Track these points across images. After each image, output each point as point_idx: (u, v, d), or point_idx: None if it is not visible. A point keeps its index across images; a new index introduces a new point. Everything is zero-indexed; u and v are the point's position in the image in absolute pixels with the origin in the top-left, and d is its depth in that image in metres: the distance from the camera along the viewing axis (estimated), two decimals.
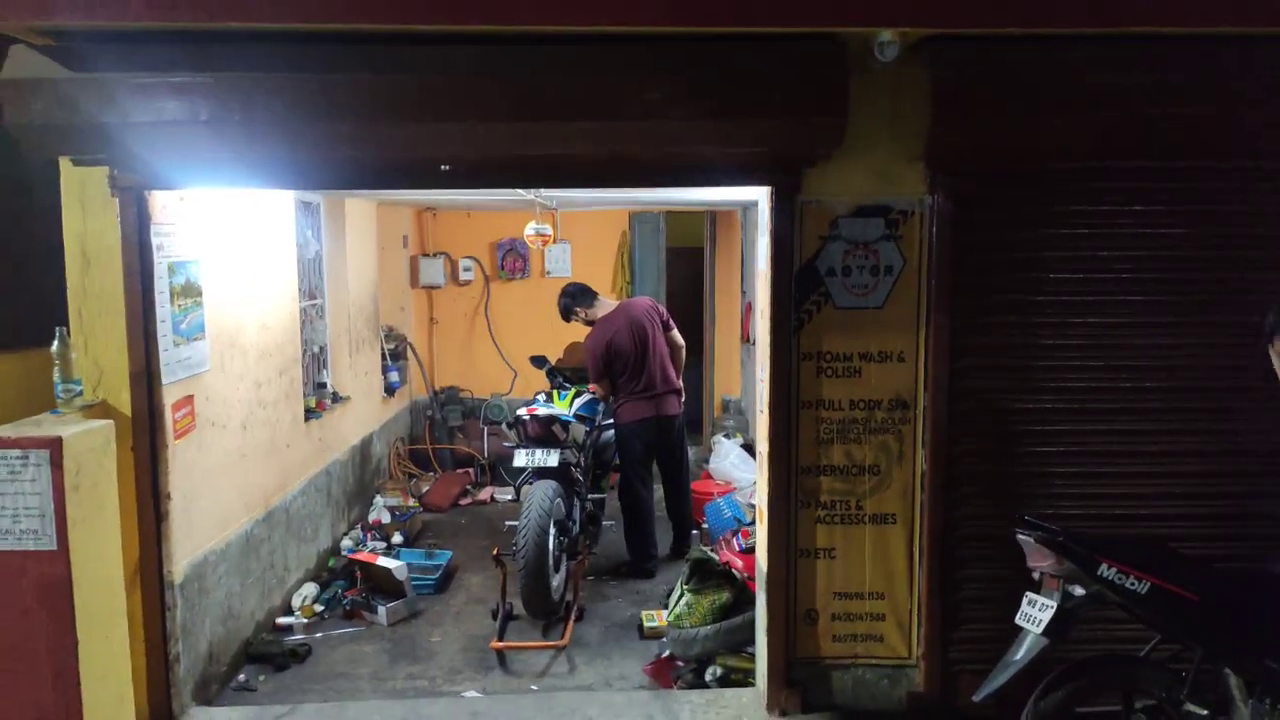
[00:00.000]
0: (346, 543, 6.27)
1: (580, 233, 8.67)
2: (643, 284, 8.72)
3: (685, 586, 4.57)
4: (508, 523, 5.75)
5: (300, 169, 3.74)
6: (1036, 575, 3.20)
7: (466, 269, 8.70)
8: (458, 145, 3.67)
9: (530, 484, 5.22)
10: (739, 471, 7.06)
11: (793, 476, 3.95)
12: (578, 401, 5.82)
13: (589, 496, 5.74)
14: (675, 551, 6.18)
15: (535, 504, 4.98)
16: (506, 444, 5.90)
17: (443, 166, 3.77)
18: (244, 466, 4.79)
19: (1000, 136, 3.68)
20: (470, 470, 8.20)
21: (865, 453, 3.93)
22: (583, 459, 5.62)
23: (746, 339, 8.34)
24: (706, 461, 7.81)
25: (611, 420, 6.01)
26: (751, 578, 4.44)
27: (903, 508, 3.95)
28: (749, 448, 7.84)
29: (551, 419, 5.28)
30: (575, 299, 6.11)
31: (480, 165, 3.77)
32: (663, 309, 6.06)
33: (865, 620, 4.01)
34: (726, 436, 7.61)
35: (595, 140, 3.63)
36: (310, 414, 5.89)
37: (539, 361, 6.47)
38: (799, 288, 3.86)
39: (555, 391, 5.94)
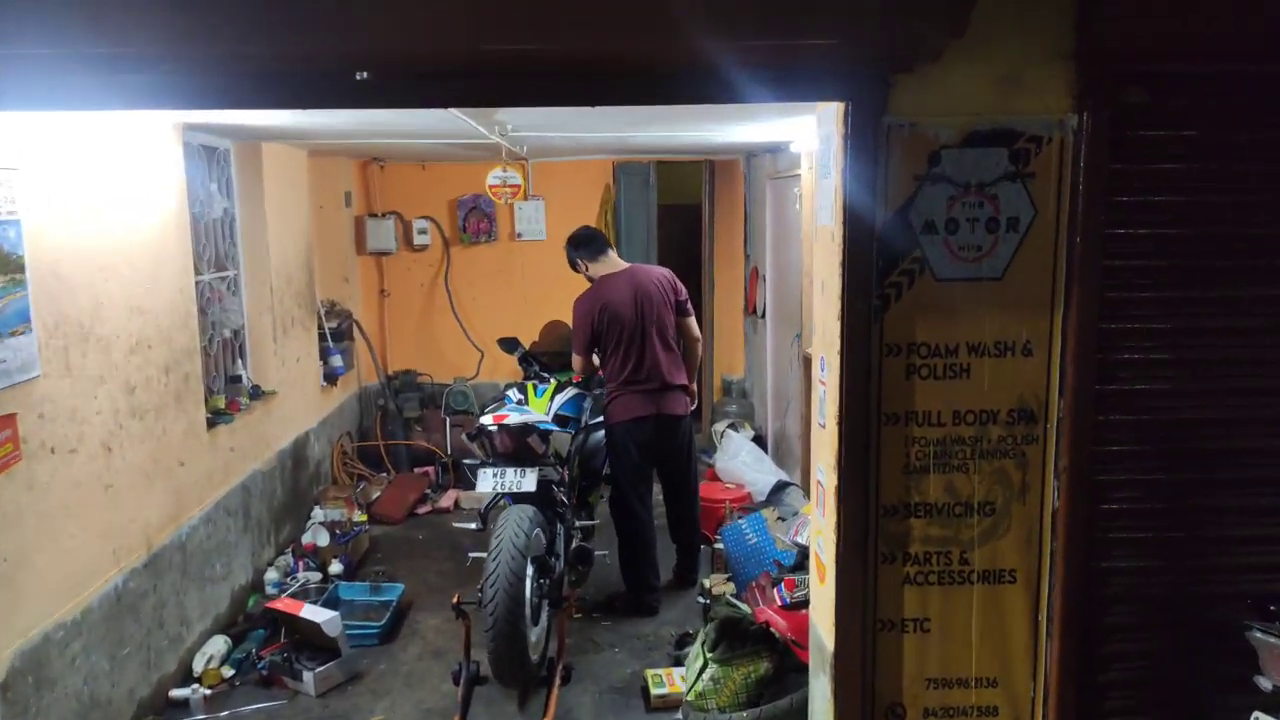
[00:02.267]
0: (272, 574, 5.05)
1: (556, 187, 7.40)
2: (629, 247, 7.47)
3: (710, 655, 3.41)
4: (471, 555, 4.54)
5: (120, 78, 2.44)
6: (1270, 686, 2.08)
7: (422, 231, 7.41)
8: (379, 35, 2.41)
9: (500, 508, 4.02)
10: (752, 472, 5.89)
11: (871, 519, 2.78)
12: (559, 398, 4.60)
13: (577, 523, 4.53)
14: (680, 577, 5.02)
15: (507, 540, 3.78)
16: (468, 461, 4.66)
17: (358, 74, 2.51)
18: (110, 501, 3.55)
19: (1194, 17, 2.48)
20: (430, 470, 6.97)
21: (974, 484, 2.77)
22: (566, 474, 4.41)
23: (752, 310, 7.14)
24: (708, 455, 6.64)
25: (602, 419, 4.79)
26: (799, 644, 3.29)
27: (1025, 560, 2.80)
28: (759, 440, 6.66)
29: (526, 429, 4.05)
30: (578, 246, 4.92)
31: (414, 69, 2.52)
32: (682, 288, 4.85)
33: (971, 717, 2.87)
34: (734, 428, 6.44)
35: (578, 27, 2.39)
36: (218, 418, 4.64)
37: (509, 345, 5.24)
38: (882, 252, 2.65)
39: (530, 385, 4.71)
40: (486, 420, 4.06)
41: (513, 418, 4.03)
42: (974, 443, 2.74)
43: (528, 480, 3.99)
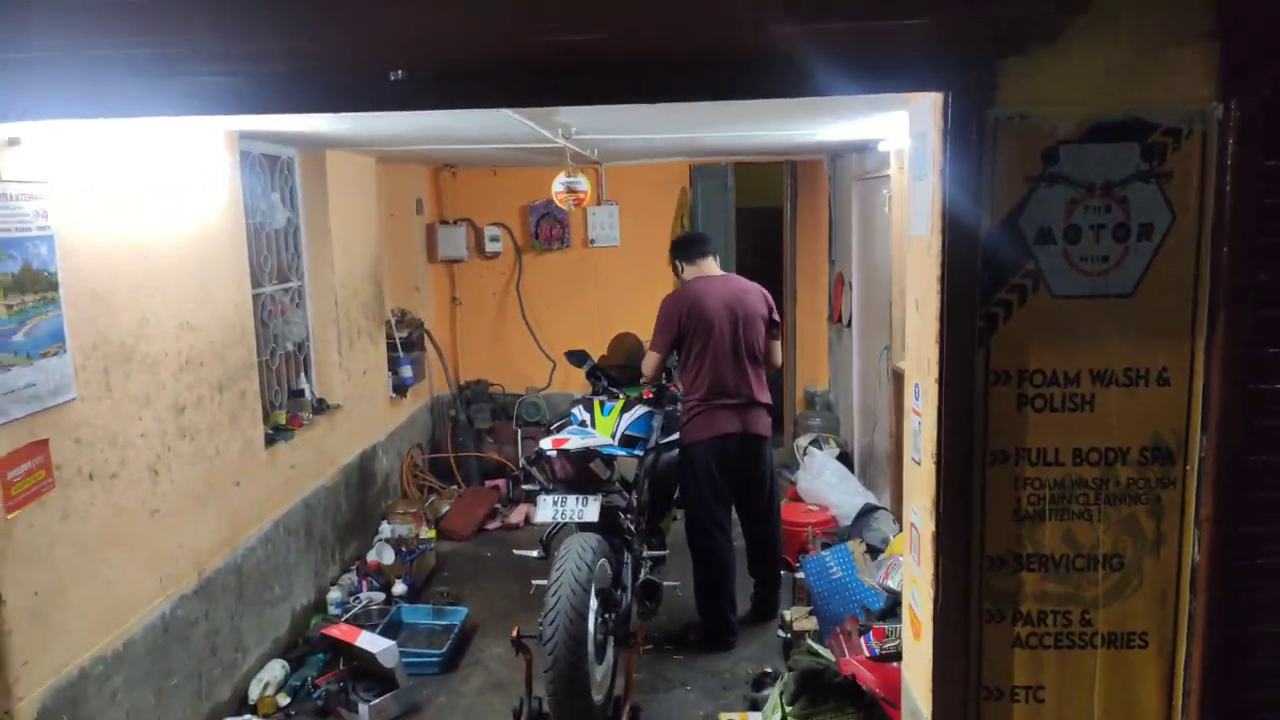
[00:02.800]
0: (335, 594, 4.89)
1: (630, 191, 7.14)
2: None
3: (789, 709, 3.08)
4: (535, 583, 4.28)
5: (151, 84, 2.24)
6: None
7: (494, 239, 7.22)
8: (413, 32, 2.17)
9: (563, 534, 3.76)
10: (837, 493, 5.53)
11: (975, 571, 2.42)
12: (628, 416, 4.32)
13: (646, 551, 4.24)
14: (759, 609, 4.69)
15: (568, 573, 3.51)
16: (528, 487, 4.42)
17: (393, 73, 2.27)
18: (156, 526, 3.39)
19: None
20: (500, 483, 6.77)
21: (1098, 534, 2.39)
22: (634, 499, 4.13)
23: (837, 319, 6.74)
24: (789, 471, 6.29)
25: (675, 437, 4.49)
26: (890, 702, 2.93)
27: (1158, 622, 2.41)
28: (844, 458, 6.28)
29: (588, 454, 3.78)
30: (677, 249, 4.79)
31: (454, 66, 2.26)
32: (774, 306, 4.58)
33: None
34: (818, 446, 6.07)
35: (637, 17, 2.10)
36: (278, 434, 4.49)
37: (578, 359, 4.99)
38: (988, 264, 2.30)
39: (598, 401, 4.43)
40: (545, 444, 3.80)
41: (573, 441, 3.76)
42: (1098, 486, 2.36)
43: (589, 509, 3.72)
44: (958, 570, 2.41)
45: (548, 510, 3.76)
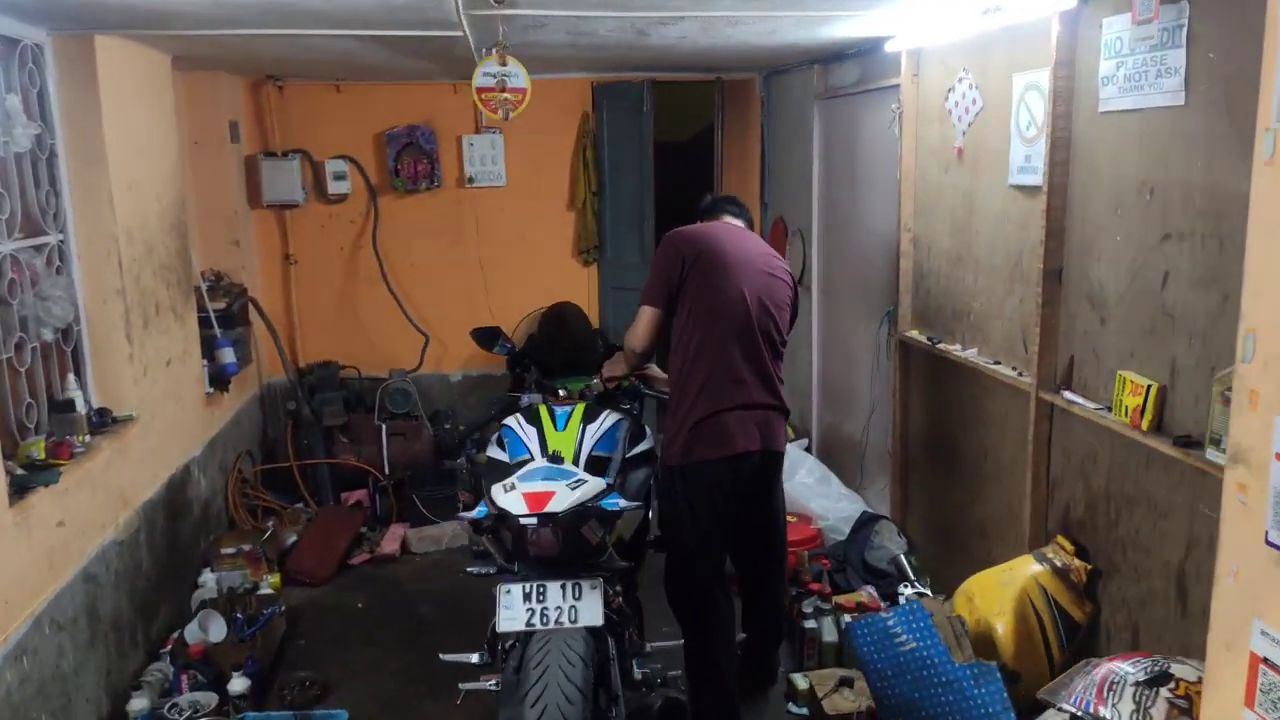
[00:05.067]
0: (139, 702, 3.27)
1: (518, 119, 5.60)
2: (616, 200, 5.75)
3: None
4: (465, 688, 2.84)
5: None
6: None
7: (339, 177, 5.54)
8: None
9: (524, 643, 2.34)
10: (819, 499, 4.36)
11: None
12: (593, 428, 2.90)
13: (642, 647, 2.87)
14: (757, 673, 3.42)
15: (553, 702, 2.12)
16: (474, 570, 2.92)
17: None
18: None
19: None
20: (362, 496, 5.21)
21: None
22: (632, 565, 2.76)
23: None
24: None
25: (642, 448, 3.10)
26: None
27: None
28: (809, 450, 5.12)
29: (582, 515, 2.32)
30: (706, 208, 3.41)
31: None
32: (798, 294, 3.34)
33: None
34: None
35: None
36: (33, 477, 2.84)
37: (488, 338, 3.56)
38: None
39: (544, 408, 2.99)
40: (509, 501, 2.31)
41: (559, 497, 2.29)
42: None
43: (587, 607, 2.30)
44: None
45: (518, 613, 2.28)
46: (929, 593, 3.74)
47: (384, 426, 5.37)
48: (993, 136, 3.26)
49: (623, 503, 2.36)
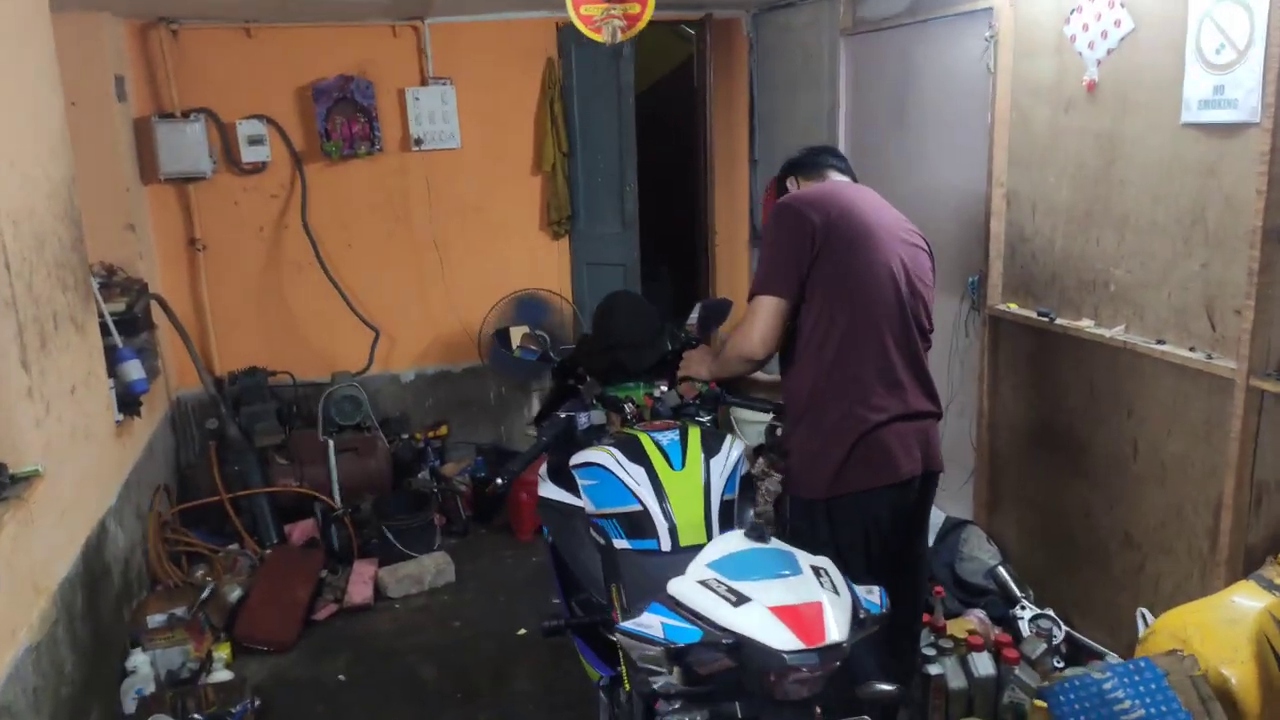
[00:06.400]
0: None
1: (470, 65, 4.73)
2: (590, 161, 4.92)
3: None
4: None
5: None
6: None
7: (255, 141, 4.52)
8: None
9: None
10: None
11: None
12: (719, 462, 2.14)
13: None
14: None
15: None
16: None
17: None
18: None
19: None
20: (309, 528, 4.29)
21: None
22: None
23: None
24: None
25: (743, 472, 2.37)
26: None
27: None
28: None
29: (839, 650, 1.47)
30: (800, 163, 2.68)
31: None
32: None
33: None
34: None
35: None
36: None
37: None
38: None
39: (647, 438, 2.20)
40: (759, 626, 1.35)
41: (833, 611, 1.35)
42: None
43: None
44: None
45: None
46: (1050, 613, 3.18)
47: (331, 442, 4.46)
48: (1151, 65, 2.65)
49: (880, 599, 1.61)
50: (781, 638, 1.39)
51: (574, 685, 3.16)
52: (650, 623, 1.53)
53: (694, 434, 2.24)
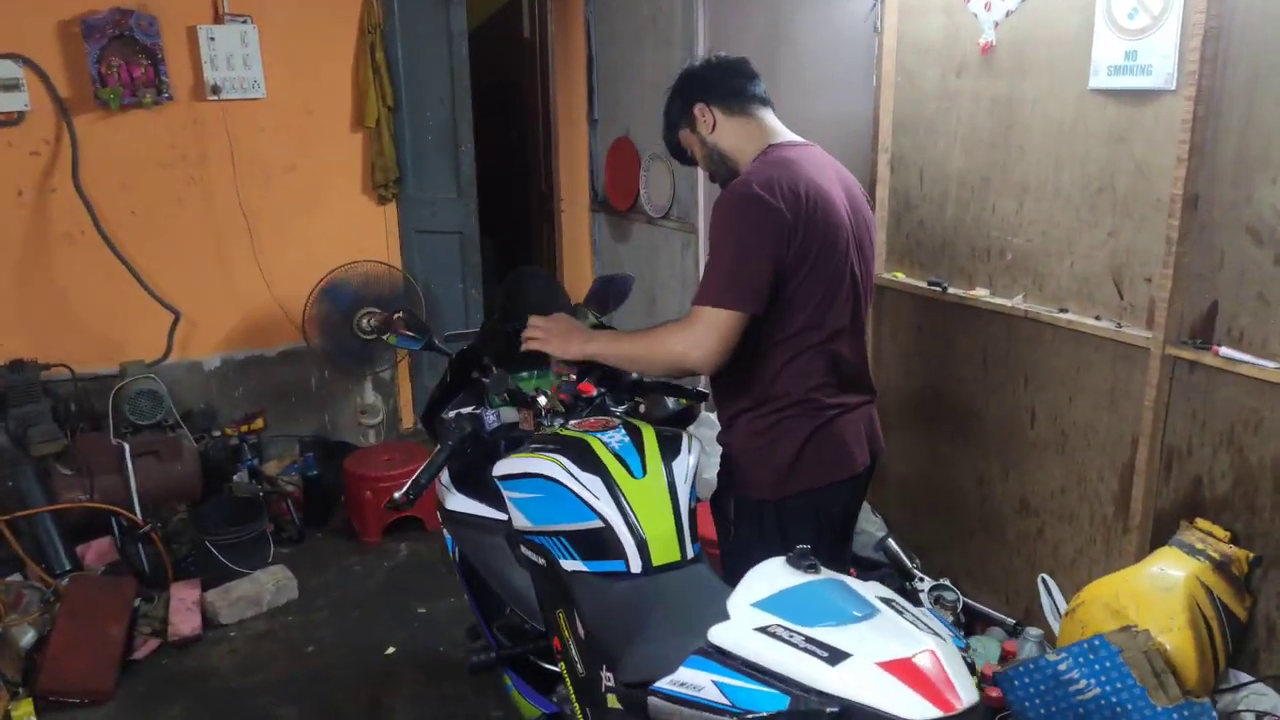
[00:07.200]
0: None
1: (275, 6, 4.11)
2: (418, 116, 4.43)
3: None
4: None
5: None
6: None
7: (8, 86, 3.71)
8: None
9: None
10: None
11: None
12: (680, 463, 1.88)
13: None
14: None
15: None
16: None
17: None
18: None
19: None
20: (106, 546, 3.65)
21: None
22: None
23: (628, 207, 4.60)
24: None
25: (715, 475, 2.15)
26: None
27: None
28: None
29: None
30: (703, 88, 2.21)
31: None
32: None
33: None
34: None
35: None
36: None
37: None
38: None
39: (594, 441, 1.90)
40: (876, 690, 1.14)
41: (952, 662, 1.15)
42: None
43: None
44: None
45: None
46: (947, 582, 3.18)
47: (126, 446, 3.79)
48: (1056, 28, 2.61)
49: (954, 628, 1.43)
50: (908, 704, 1.15)
51: (468, 710, 2.83)
52: (698, 682, 1.26)
53: (649, 434, 1.96)
